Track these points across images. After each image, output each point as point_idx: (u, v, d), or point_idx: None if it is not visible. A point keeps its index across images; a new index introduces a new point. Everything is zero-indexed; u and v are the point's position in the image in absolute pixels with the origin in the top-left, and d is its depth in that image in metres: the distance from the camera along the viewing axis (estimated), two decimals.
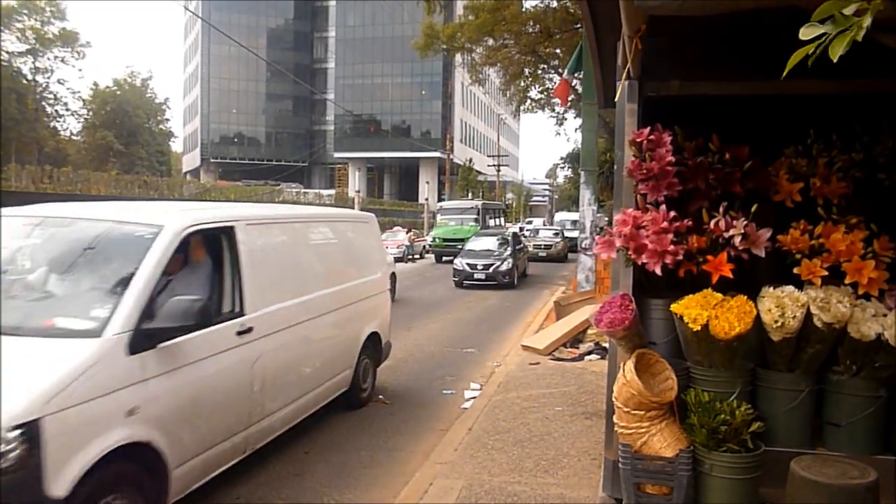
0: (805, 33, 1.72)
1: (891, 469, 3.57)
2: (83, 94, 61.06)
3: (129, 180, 39.11)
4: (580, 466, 5.24)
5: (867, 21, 1.61)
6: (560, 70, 25.79)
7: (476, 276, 19.84)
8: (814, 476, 3.09)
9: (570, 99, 17.91)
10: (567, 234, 32.67)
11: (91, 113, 62.22)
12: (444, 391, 8.02)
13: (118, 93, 63.88)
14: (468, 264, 20.07)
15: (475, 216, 32.66)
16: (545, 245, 30.74)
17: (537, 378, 8.14)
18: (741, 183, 3.99)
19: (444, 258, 28.67)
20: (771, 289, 3.65)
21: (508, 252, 20.66)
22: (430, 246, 32.29)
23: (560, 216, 46.02)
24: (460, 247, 23.45)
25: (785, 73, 1.80)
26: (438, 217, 34.02)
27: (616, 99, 4.02)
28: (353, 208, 33.43)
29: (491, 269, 19.81)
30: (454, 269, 20.51)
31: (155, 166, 63.89)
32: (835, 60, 1.66)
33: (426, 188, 52.59)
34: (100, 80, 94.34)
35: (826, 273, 3.65)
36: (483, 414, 6.65)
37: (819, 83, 3.65)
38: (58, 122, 59.91)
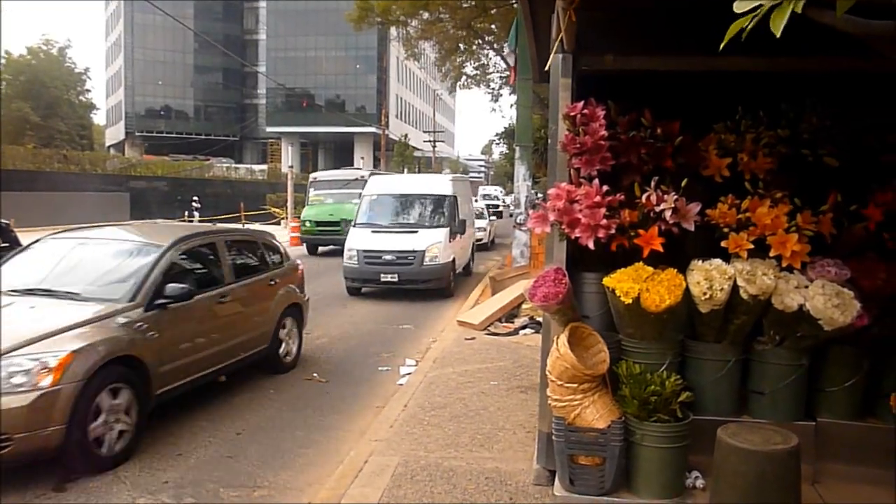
0: (739, 6, 1.70)
1: (811, 434, 3.73)
2: None
3: (48, 154, 37.34)
4: (515, 440, 5.29)
5: None
6: (496, 45, 25.81)
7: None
8: (739, 443, 3.19)
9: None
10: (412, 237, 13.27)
11: (4, 84, 58.89)
12: (380, 368, 7.97)
13: (33, 62, 60.65)
14: None
15: (361, 192, 17.22)
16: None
17: (473, 353, 8.18)
18: (672, 158, 4.05)
19: (321, 248, 21.04)
20: (700, 262, 3.74)
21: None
22: (302, 233, 21.69)
23: (376, 187, 15.65)
24: (339, 236, 16.84)
25: (722, 47, 1.79)
26: (311, 192, 22.86)
27: (546, 69, 4.00)
28: (286, 184, 31.98)
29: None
30: None
31: (76, 140, 61.01)
32: (778, 34, 1.64)
33: (361, 164, 51.88)
34: (12, 48, 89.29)
35: (752, 246, 3.75)
36: (419, 390, 6.63)
37: (749, 60, 3.72)
38: None
